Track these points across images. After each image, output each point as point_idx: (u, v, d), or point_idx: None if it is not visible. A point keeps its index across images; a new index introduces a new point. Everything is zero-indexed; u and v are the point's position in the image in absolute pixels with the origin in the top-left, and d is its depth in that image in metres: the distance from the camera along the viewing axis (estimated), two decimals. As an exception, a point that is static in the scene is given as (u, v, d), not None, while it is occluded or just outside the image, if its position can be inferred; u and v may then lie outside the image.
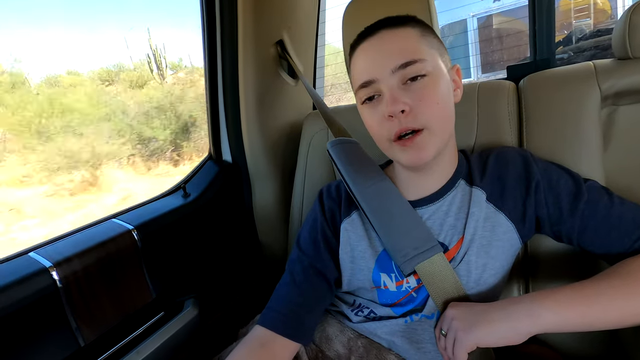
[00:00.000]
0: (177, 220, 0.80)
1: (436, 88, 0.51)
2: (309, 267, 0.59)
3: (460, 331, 0.46)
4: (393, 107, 0.49)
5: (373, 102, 0.53)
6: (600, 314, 0.44)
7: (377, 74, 0.51)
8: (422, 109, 0.50)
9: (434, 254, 0.53)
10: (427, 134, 0.50)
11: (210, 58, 0.90)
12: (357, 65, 0.55)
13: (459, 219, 0.55)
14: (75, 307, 0.60)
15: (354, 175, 0.61)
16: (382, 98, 0.52)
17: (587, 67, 0.67)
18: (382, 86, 0.51)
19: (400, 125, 0.50)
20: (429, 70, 0.50)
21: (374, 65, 0.52)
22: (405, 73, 0.50)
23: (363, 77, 0.52)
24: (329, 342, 0.60)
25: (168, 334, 0.70)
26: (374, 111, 0.53)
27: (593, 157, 0.63)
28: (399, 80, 0.50)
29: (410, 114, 0.49)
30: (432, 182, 0.58)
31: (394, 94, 0.50)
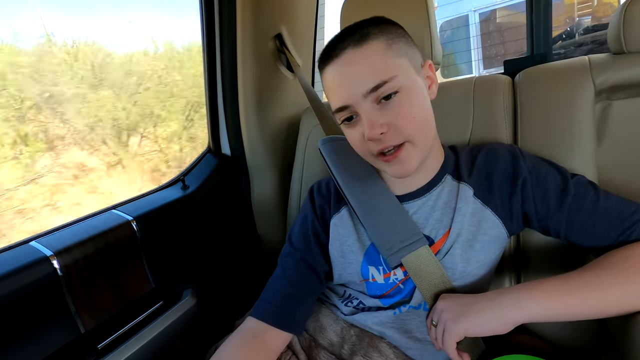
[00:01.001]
0: (175, 211, 0.81)
1: (411, 101, 0.51)
2: (300, 261, 0.61)
3: (449, 321, 0.48)
4: (372, 131, 0.49)
5: (352, 122, 0.53)
6: (586, 304, 0.45)
7: (349, 100, 0.50)
8: (400, 126, 0.50)
9: (419, 246, 0.55)
10: (410, 146, 0.51)
11: (209, 51, 0.90)
12: (328, 87, 0.54)
13: (446, 213, 0.56)
14: (76, 295, 0.62)
15: (342, 172, 0.63)
16: (359, 119, 0.51)
17: (581, 62, 0.67)
18: (358, 109, 0.51)
19: (382, 144, 0.50)
20: (401, 86, 0.50)
21: (345, 91, 0.51)
22: (378, 94, 0.49)
23: (337, 103, 0.52)
24: (322, 332, 0.61)
25: (166, 323, 0.71)
26: (354, 131, 0.53)
27: (586, 151, 0.64)
28: (373, 101, 0.50)
29: (389, 132, 0.49)
30: (418, 178, 0.59)
31: (370, 118, 0.49)
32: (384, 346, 0.57)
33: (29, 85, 1.72)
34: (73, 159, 1.91)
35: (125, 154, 2.09)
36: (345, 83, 0.51)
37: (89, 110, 1.95)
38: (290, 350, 0.60)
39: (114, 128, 2.07)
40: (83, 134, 1.94)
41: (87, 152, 1.98)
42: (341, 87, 0.51)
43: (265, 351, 0.56)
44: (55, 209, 1.73)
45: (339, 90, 0.51)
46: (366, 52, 0.50)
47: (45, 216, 1.71)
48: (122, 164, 2.07)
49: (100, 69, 2.01)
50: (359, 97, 0.49)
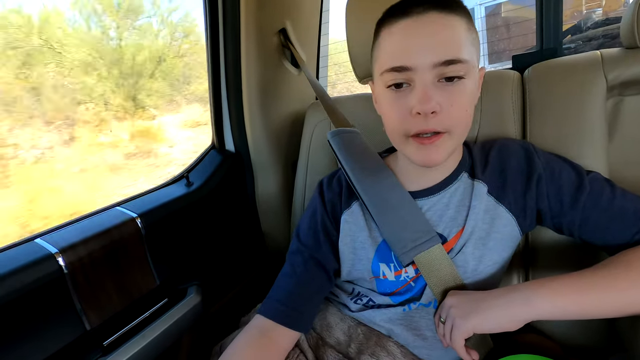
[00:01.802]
0: (180, 208, 0.81)
1: (468, 93, 0.48)
2: (309, 258, 0.60)
3: (457, 318, 0.47)
4: (425, 105, 0.45)
5: (400, 91, 0.48)
6: (597, 303, 0.44)
7: (415, 63, 0.46)
8: (450, 113, 0.47)
9: (432, 245, 0.53)
10: (448, 137, 0.48)
11: (212, 47, 0.89)
12: (392, 43, 0.48)
13: (460, 211, 0.55)
14: (81, 292, 0.62)
15: (354, 166, 0.60)
16: (411, 89, 0.47)
17: (593, 57, 0.66)
18: (415, 77, 0.46)
19: (426, 125, 0.47)
20: (467, 73, 0.47)
21: (414, 52, 0.46)
22: (445, 71, 0.46)
23: (396, 61, 0.47)
24: (329, 330, 0.61)
25: (172, 320, 0.71)
26: (399, 102, 0.48)
27: (597, 148, 0.62)
28: (435, 77, 0.46)
29: (438, 115, 0.46)
30: (435, 174, 0.57)
31: (428, 91, 0.45)
32: (392, 345, 0.56)
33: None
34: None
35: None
36: (418, 43, 0.46)
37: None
38: (297, 348, 0.60)
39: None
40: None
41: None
42: (411, 46, 0.46)
43: (274, 349, 0.55)
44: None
45: (406, 49, 0.46)
46: (452, 22, 0.46)
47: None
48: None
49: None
50: (426, 65, 0.45)
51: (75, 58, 2.41)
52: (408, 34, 0.47)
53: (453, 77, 0.47)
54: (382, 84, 0.51)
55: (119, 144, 2.60)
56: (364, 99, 0.85)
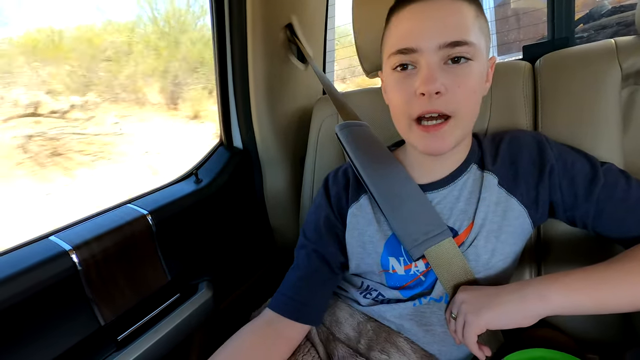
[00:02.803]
0: (190, 205, 0.82)
1: (475, 76, 0.48)
2: (311, 252, 0.60)
3: (469, 314, 0.47)
4: (429, 85, 0.45)
5: (406, 73, 0.49)
6: (612, 297, 0.43)
7: (420, 44, 0.46)
8: (456, 95, 0.47)
9: (443, 238, 0.53)
10: (454, 123, 0.48)
11: (219, 44, 0.89)
12: (400, 27, 0.49)
13: (470, 204, 0.54)
14: (95, 288, 0.63)
15: (362, 159, 0.60)
16: (416, 71, 0.47)
17: (607, 45, 0.64)
18: (421, 59, 0.47)
19: (430, 105, 0.47)
20: (473, 55, 0.47)
21: (420, 33, 0.46)
22: (451, 52, 0.46)
23: (403, 43, 0.47)
24: (339, 326, 0.61)
25: (183, 315, 0.72)
26: (404, 83, 0.49)
27: (612, 139, 0.61)
28: (441, 59, 0.46)
29: (443, 97, 0.46)
30: (444, 166, 0.56)
31: (433, 72, 0.46)
32: (402, 341, 0.56)
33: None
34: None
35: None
36: (423, 25, 0.47)
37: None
38: (309, 342, 0.61)
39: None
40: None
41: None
42: (417, 28, 0.47)
43: (279, 339, 0.57)
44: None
45: (412, 31, 0.47)
46: (460, 7, 0.47)
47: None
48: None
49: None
50: (431, 46, 0.46)
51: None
52: (415, 17, 0.48)
53: (459, 58, 0.47)
54: (389, 68, 0.51)
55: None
56: (372, 93, 0.84)
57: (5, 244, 0.61)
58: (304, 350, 0.59)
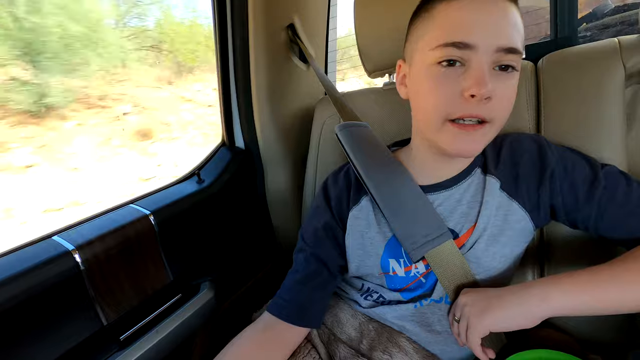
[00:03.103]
0: (192, 205, 0.82)
1: (515, 87, 0.47)
2: (310, 256, 0.60)
3: (472, 317, 0.47)
4: (482, 89, 0.42)
5: (452, 70, 0.45)
6: (616, 298, 0.43)
7: (478, 41, 0.42)
8: (500, 104, 0.45)
9: (444, 241, 0.53)
10: (489, 128, 0.47)
11: (221, 44, 0.89)
12: (452, 18, 0.44)
13: (472, 207, 0.54)
14: (97, 288, 0.63)
15: (362, 159, 0.59)
16: (465, 70, 0.44)
17: (610, 44, 0.63)
18: (474, 57, 0.43)
19: (475, 109, 0.44)
20: (518, 65, 0.45)
21: (480, 29, 0.43)
22: (503, 59, 0.44)
23: (457, 36, 0.43)
24: (340, 326, 0.61)
25: (185, 315, 0.72)
26: (448, 81, 0.45)
27: (616, 139, 0.60)
28: (492, 62, 0.44)
29: (488, 102, 0.44)
30: (450, 168, 0.56)
31: (485, 74, 0.43)
32: (404, 341, 0.56)
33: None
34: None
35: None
36: (485, 21, 0.43)
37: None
38: (310, 343, 0.60)
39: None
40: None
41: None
42: (478, 22, 0.43)
43: (278, 343, 0.57)
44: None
45: (471, 24, 0.43)
46: (515, 10, 0.45)
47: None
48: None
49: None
50: (490, 46, 0.43)
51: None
52: (474, 8, 0.43)
53: (508, 67, 0.45)
54: (428, 61, 0.47)
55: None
56: (374, 93, 0.84)
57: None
58: (304, 351, 0.59)
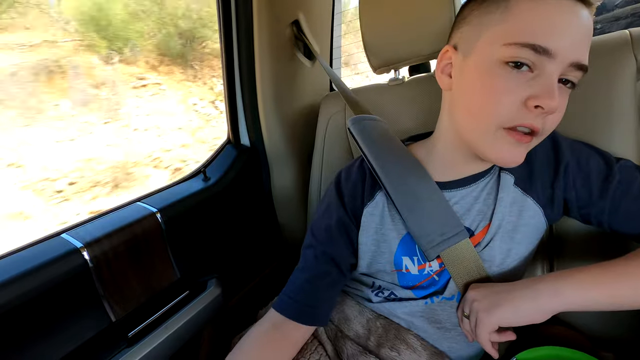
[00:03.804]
0: (198, 203, 0.82)
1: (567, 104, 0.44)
2: (320, 254, 0.58)
3: (481, 312, 0.46)
4: (553, 102, 0.39)
5: (520, 74, 0.41)
6: (629, 294, 0.42)
7: (560, 51, 0.39)
8: (555, 119, 0.43)
9: (460, 240, 0.52)
10: (536, 140, 0.45)
11: (226, 41, 0.89)
12: (537, 14, 0.40)
13: (487, 204, 0.53)
14: (106, 285, 0.64)
15: (377, 154, 0.57)
16: (534, 76, 0.41)
17: (621, 36, 0.62)
18: (550, 66, 0.40)
19: (536, 121, 0.41)
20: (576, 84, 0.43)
21: (563, 38, 0.39)
22: (572, 74, 0.42)
23: (541, 39, 0.39)
24: (347, 323, 0.60)
25: (193, 312, 0.72)
26: (514, 85, 0.41)
27: (627, 133, 0.59)
28: (560, 74, 0.41)
29: (548, 116, 0.42)
30: (471, 167, 0.54)
31: (556, 88, 0.40)
32: (411, 338, 0.56)
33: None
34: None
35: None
36: (569, 31, 0.40)
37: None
38: (316, 340, 0.60)
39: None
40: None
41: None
42: (563, 30, 0.39)
43: (285, 343, 0.56)
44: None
45: (557, 30, 0.39)
46: (592, 25, 0.42)
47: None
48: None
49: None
50: (567, 59, 0.40)
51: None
52: (562, 11, 0.39)
53: (573, 83, 0.43)
54: (495, 56, 0.42)
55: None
56: (383, 88, 0.83)
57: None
58: (311, 348, 0.58)
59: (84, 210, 2.40)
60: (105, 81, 3.13)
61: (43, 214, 2.32)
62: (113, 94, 3.09)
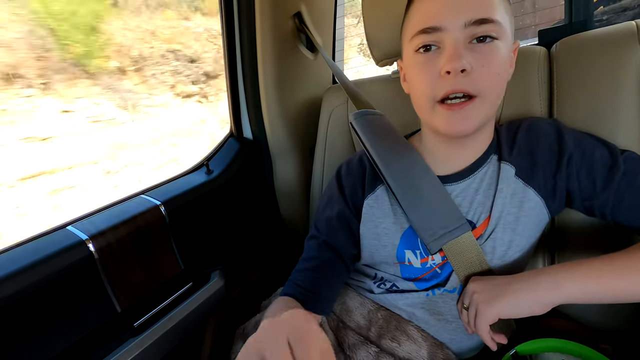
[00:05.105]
0: (201, 196, 0.83)
1: (500, 56, 0.46)
2: (322, 244, 0.60)
3: (481, 304, 0.46)
4: (455, 63, 0.44)
5: (429, 54, 0.47)
6: (630, 287, 0.42)
7: (446, 22, 0.45)
8: (482, 75, 0.45)
9: (462, 232, 0.52)
10: (479, 103, 0.46)
11: (228, 34, 0.89)
12: (422, 7, 0.48)
13: (488, 196, 0.53)
14: (111, 276, 0.65)
15: (379, 149, 0.58)
16: (441, 51, 0.46)
17: (628, 28, 0.61)
18: (446, 37, 0.45)
19: (456, 84, 0.45)
20: (500, 35, 0.45)
21: (445, 11, 0.45)
22: (477, 31, 0.44)
23: (427, 22, 0.46)
24: (349, 314, 0.61)
25: (197, 303, 0.74)
26: (428, 64, 0.47)
27: (632, 126, 0.59)
28: (466, 37, 0.45)
29: (469, 76, 0.45)
30: (464, 156, 0.55)
31: (459, 50, 0.44)
32: (412, 329, 0.56)
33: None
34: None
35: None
36: (449, 4, 0.45)
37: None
38: None
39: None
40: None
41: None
42: (442, 5, 0.45)
43: None
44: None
45: (437, 9, 0.46)
46: None
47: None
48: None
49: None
50: (457, 24, 0.44)
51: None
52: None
53: (485, 37, 0.45)
54: (411, 50, 0.50)
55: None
56: (384, 80, 0.83)
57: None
58: None
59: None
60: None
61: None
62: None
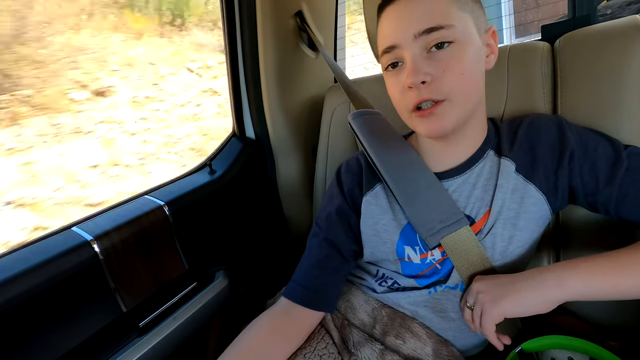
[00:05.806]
0: (204, 196, 0.83)
1: (463, 57, 0.47)
2: (323, 241, 0.61)
3: (487, 303, 0.46)
4: (413, 77, 0.47)
5: (396, 70, 0.51)
6: (635, 284, 0.42)
7: (399, 40, 0.48)
8: (445, 80, 0.47)
9: (460, 227, 0.52)
10: (448, 105, 0.48)
11: (229, 33, 0.89)
12: (382, 29, 0.52)
13: (487, 191, 0.53)
14: (116, 276, 0.65)
15: (376, 147, 0.59)
16: (404, 66, 0.49)
17: (632, 22, 0.61)
18: (404, 53, 0.48)
19: (420, 96, 0.48)
20: (456, 37, 0.47)
21: (397, 29, 0.49)
22: (430, 39, 0.47)
23: (386, 42, 0.50)
24: (353, 312, 0.61)
25: (201, 303, 0.74)
26: (396, 79, 0.51)
27: (635, 121, 0.58)
28: (423, 48, 0.47)
29: (431, 84, 0.47)
30: (458, 152, 0.55)
31: (416, 63, 0.47)
32: (416, 327, 0.56)
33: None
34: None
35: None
36: (398, 22, 0.49)
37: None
38: (323, 328, 0.61)
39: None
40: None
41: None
42: (394, 26, 0.49)
43: (293, 327, 0.58)
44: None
45: (391, 30, 0.50)
46: None
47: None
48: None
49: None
50: (409, 38, 0.47)
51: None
52: (391, 16, 0.50)
53: (442, 43, 0.47)
54: (383, 68, 0.53)
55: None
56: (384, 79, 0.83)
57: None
58: (318, 336, 0.59)
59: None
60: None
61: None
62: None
